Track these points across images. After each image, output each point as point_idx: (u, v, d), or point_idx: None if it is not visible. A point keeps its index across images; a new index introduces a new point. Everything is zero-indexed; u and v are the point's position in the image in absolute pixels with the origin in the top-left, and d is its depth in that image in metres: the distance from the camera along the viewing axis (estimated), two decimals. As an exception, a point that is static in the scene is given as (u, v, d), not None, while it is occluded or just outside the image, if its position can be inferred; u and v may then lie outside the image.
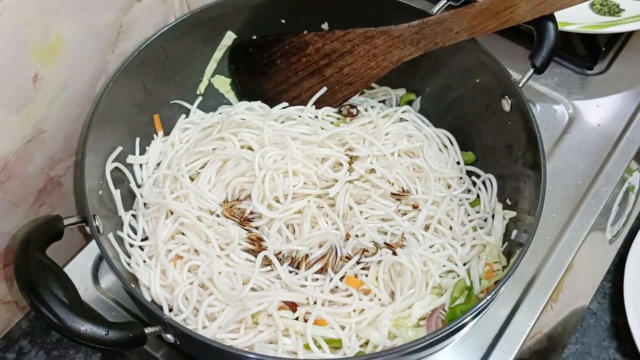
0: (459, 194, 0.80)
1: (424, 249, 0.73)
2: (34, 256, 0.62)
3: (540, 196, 0.68)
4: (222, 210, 0.77)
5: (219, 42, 0.86)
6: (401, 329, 0.68)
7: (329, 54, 0.84)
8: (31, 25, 0.64)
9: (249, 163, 0.79)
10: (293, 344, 0.68)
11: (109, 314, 0.76)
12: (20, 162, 0.72)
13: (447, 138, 0.85)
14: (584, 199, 0.87)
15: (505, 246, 0.75)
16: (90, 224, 0.67)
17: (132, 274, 0.73)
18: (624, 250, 0.85)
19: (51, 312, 0.58)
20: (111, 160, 0.76)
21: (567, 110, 0.96)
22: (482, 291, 0.72)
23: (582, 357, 0.81)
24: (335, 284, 0.71)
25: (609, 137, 0.93)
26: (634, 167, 0.91)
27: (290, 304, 0.70)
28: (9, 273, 0.78)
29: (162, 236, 0.75)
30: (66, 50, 0.70)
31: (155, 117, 0.84)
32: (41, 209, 0.79)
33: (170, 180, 0.79)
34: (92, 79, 0.76)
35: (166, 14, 0.82)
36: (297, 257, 0.74)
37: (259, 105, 0.87)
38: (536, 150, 0.71)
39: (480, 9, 0.75)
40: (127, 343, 0.60)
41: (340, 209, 0.77)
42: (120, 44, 0.77)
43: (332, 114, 0.87)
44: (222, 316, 0.69)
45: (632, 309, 0.80)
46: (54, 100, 0.72)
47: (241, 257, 0.73)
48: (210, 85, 0.89)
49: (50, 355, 0.81)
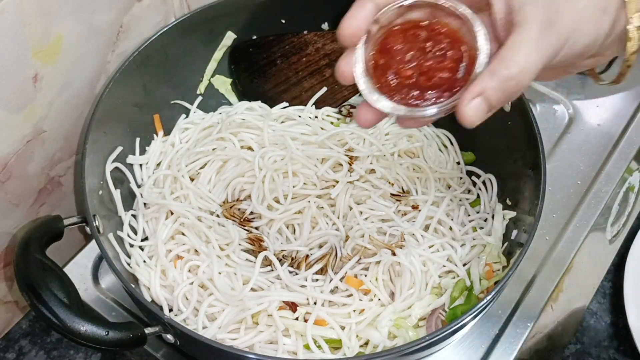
0: (459, 194, 0.80)
1: (423, 249, 0.73)
2: (34, 256, 0.62)
3: (540, 196, 0.68)
4: (222, 211, 0.77)
5: (219, 42, 0.86)
6: (401, 329, 0.68)
7: (329, 54, 0.84)
8: (31, 25, 0.64)
9: (249, 163, 0.79)
10: (293, 344, 0.68)
11: (109, 314, 0.76)
12: (20, 162, 0.72)
13: (447, 138, 0.85)
14: (584, 199, 0.87)
15: (505, 246, 0.75)
16: (90, 224, 0.67)
17: (132, 274, 0.73)
18: (624, 250, 0.85)
19: (51, 312, 0.58)
20: (111, 160, 0.76)
21: (567, 110, 0.96)
22: (482, 291, 0.72)
23: (582, 357, 0.81)
24: (335, 284, 0.71)
25: (609, 137, 0.93)
26: (634, 167, 0.91)
27: (290, 304, 0.70)
28: (9, 273, 0.78)
29: (162, 236, 0.75)
30: (66, 50, 0.70)
31: (155, 117, 0.84)
32: (41, 209, 0.79)
33: (171, 180, 0.79)
34: (92, 79, 0.76)
35: (166, 14, 0.82)
36: (297, 257, 0.74)
37: (259, 105, 0.87)
38: (536, 150, 0.71)
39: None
40: (127, 343, 0.60)
41: (340, 209, 0.77)
42: (120, 44, 0.77)
43: (332, 114, 0.87)
44: (222, 316, 0.69)
45: (632, 309, 0.80)
46: (54, 100, 0.72)
47: (241, 258, 0.73)
48: (210, 85, 0.89)
49: (50, 355, 0.81)
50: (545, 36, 0.47)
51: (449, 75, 0.50)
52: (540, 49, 0.47)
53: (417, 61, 0.51)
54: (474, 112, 0.48)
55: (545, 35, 0.47)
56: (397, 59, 0.51)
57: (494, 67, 0.48)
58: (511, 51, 0.47)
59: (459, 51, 0.51)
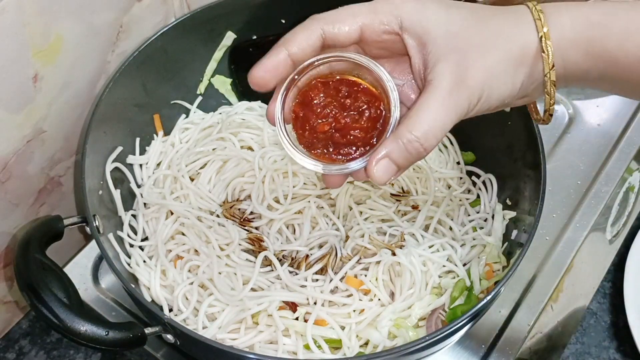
0: (459, 194, 0.80)
1: (423, 249, 0.73)
2: (34, 256, 0.62)
3: (540, 196, 0.68)
4: (222, 211, 0.77)
5: (219, 42, 0.86)
6: (401, 329, 0.68)
7: (328, 53, 0.84)
8: (31, 25, 0.64)
9: (249, 163, 0.79)
10: (293, 344, 0.68)
11: (109, 314, 0.76)
12: (20, 162, 0.72)
13: (447, 138, 0.85)
14: (584, 199, 0.87)
15: (505, 246, 0.75)
16: (90, 224, 0.67)
17: (132, 274, 0.73)
18: (624, 250, 0.85)
19: (51, 312, 0.58)
20: (111, 160, 0.76)
21: (567, 110, 0.96)
22: (482, 291, 0.72)
23: (582, 357, 0.81)
24: (335, 285, 0.71)
25: (609, 137, 0.93)
26: (634, 167, 0.91)
27: (290, 304, 0.70)
28: (9, 273, 0.78)
29: (162, 236, 0.75)
30: (66, 50, 0.70)
31: (155, 117, 0.84)
32: (41, 209, 0.79)
33: (171, 180, 0.79)
34: (92, 79, 0.76)
35: (166, 14, 0.82)
36: (297, 257, 0.74)
37: (259, 105, 0.87)
38: (536, 150, 0.71)
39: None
40: (127, 343, 0.60)
41: (340, 209, 0.77)
42: (120, 44, 0.77)
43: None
44: (222, 316, 0.69)
45: (632, 309, 0.80)
46: (54, 100, 0.72)
47: (241, 258, 0.73)
48: (210, 85, 0.89)
49: (50, 355, 0.81)
50: (455, 95, 0.48)
51: (363, 135, 0.52)
52: (449, 109, 0.48)
53: (334, 117, 0.53)
54: (381, 174, 0.50)
55: (454, 94, 0.48)
56: (316, 112, 0.53)
57: (399, 130, 0.49)
58: (418, 113, 0.48)
59: (376, 110, 0.52)
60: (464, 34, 0.49)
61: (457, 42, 0.49)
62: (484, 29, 0.49)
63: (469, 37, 0.49)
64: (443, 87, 0.48)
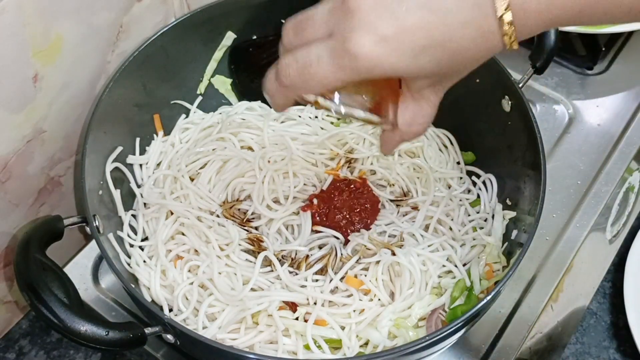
0: (459, 194, 0.80)
1: (422, 249, 0.73)
2: (34, 256, 0.62)
3: (540, 196, 0.68)
4: (222, 211, 0.77)
5: (219, 42, 0.86)
6: (401, 329, 0.68)
7: (328, 54, 0.84)
8: (31, 25, 0.64)
9: (249, 163, 0.79)
10: (293, 344, 0.68)
11: (109, 314, 0.76)
12: (20, 162, 0.72)
13: (447, 138, 0.85)
14: (584, 199, 0.87)
15: (505, 246, 0.75)
16: (90, 224, 0.67)
17: (132, 274, 0.73)
18: (624, 250, 0.85)
19: (51, 312, 0.58)
20: (111, 160, 0.76)
21: (567, 110, 0.96)
22: (482, 291, 0.72)
23: (582, 357, 0.81)
24: (335, 285, 0.71)
25: (609, 137, 0.93)
26: (634, 167, 0.91)
27: (290, 304, 0.70)
28: (9, 273, 0.78)
29: (162, 236, 0.75)
30: (66, 50, 0.70)
31: (155, 117, 0.84)
32: (41, 209, 0.79)
33: (171, 180, 0.79)
34: (92, 79, 0.76)
35: (166, 14, 0.82)
36: (297, 257, 0.74)
37: (259, 105, 0.87)
38: (536, 150, 0.71)
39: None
40: (127, 343, 0.60)
41: (340, 209, 0.77)
42: (120, 44, 0.77)
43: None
44: (222, 316, 0.69)
45: (632, 309, 0.80)
46: (54, 100, 0.72)
47: (241, 258, 0.73)
48: (210, 85, 0.89)
49: (50, 355, 0.81)
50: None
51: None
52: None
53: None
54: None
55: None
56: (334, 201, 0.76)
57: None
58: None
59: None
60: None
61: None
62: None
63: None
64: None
